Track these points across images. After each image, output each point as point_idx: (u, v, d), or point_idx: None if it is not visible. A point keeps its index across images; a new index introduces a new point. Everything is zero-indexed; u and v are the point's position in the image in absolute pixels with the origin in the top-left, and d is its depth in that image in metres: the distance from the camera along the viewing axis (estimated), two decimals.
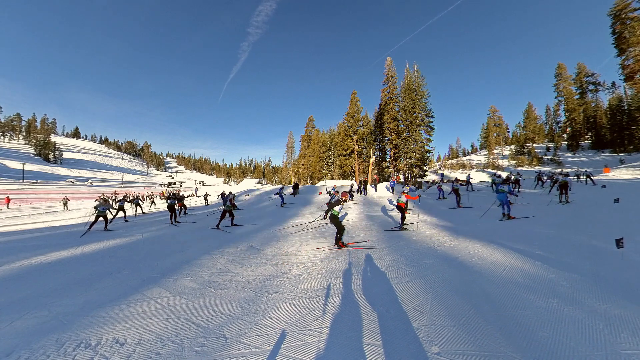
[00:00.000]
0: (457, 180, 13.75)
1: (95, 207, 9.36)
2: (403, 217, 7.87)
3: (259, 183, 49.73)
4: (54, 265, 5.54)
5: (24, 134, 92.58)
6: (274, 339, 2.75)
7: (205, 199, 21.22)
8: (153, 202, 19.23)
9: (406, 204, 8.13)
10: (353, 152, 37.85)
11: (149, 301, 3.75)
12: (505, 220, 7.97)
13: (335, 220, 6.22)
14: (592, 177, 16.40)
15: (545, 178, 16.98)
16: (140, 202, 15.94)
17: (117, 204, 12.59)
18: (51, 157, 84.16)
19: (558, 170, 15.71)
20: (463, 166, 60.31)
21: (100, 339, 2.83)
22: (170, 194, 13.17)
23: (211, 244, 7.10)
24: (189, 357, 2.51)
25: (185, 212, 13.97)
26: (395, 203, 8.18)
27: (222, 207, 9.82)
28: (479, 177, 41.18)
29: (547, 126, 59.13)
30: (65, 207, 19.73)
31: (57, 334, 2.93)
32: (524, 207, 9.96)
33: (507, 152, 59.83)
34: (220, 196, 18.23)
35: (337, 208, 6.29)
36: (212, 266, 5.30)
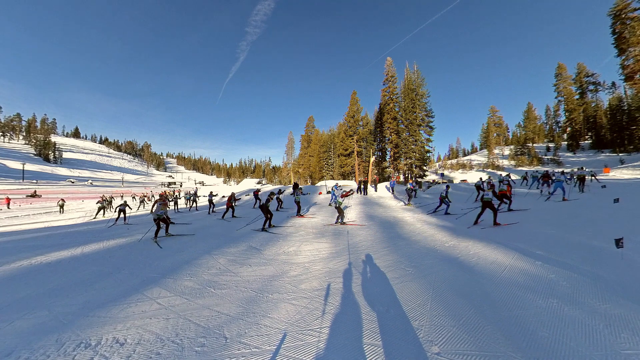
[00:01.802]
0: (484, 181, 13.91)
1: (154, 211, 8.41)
2: (510, 202, 9.16)
3: (259, 183, 49.71)
4: (54, 265, 5.54)
5: (24, 134, 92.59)
6: (274, 339, 2.75)
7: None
8: (176, 202, 18.20)
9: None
10: (353, 152, 37.87)
11: (149, 301, 3.75)
12: (562, 201, 10.21)
13: (490, 204, 7.47)
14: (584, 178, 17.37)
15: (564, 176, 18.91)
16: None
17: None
18: (51, 157, 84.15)
19: (577, 168, 17.03)
20: (463, 166, 60.30)
21: (100, 339, 2.83)
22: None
23: (211, 244, 7.10)
24: (189, 357, 2.51)
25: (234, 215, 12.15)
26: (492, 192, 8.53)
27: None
28: (478, 177, 41.15)
29: (547, 126, 59.16)
30: (61, 211, 18.16)
31: (57, 334, 2.93)
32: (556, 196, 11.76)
33: (507, 152, 59.86)
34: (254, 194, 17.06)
35: (490, 195, 7.57)
36: (212, 266, 5.30)
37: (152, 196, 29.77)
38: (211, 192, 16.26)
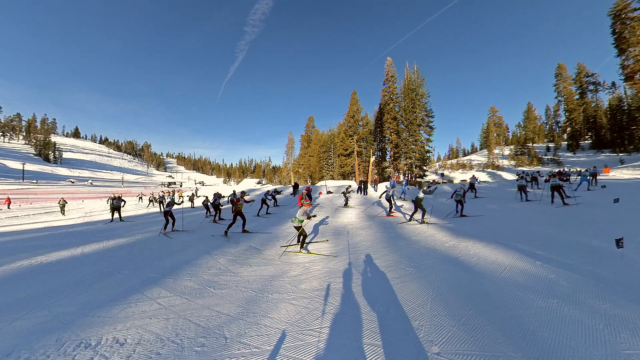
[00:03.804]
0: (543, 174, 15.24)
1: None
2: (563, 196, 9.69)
3: (259, 183, 49.67)
4: (54, 265, 5.54)
5: (24, 134, 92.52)
6: (274, 339, 2.75)
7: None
8: (191, 200, 17.99)
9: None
10: (353, 152, 37.85)
11: (149, 301, 3.75)
12: (591, 190, 12.29)
13: (558, 188, 8.96)
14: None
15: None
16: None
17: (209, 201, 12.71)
18: (51, 157, 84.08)
19: (592, 167, 17.88)
20: (463, 166, 60.30)
21: (100, 339, 2.83)
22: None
23: (211, 244, 7.10)
24: (189, 357, 2.51)
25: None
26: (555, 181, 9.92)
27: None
28: (478, 177, 41.16)
29: (547, 126, 59.15)
30: (63, 212, 17.20)
31: (57, 334, 2.93)
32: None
33: (507, 152, 59.83)
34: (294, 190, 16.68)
35: (558, 181, 8.80)
36: (212, 266, 5.30)
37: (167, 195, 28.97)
38: (275, 190, 15.80)
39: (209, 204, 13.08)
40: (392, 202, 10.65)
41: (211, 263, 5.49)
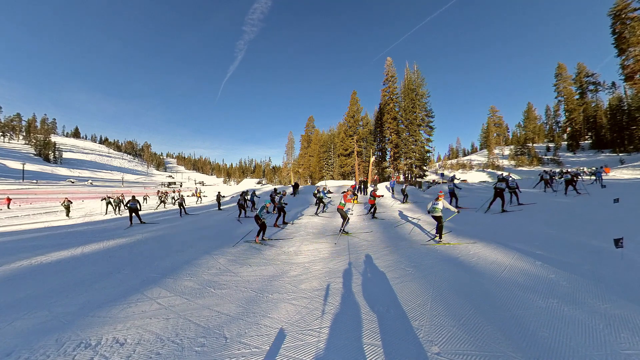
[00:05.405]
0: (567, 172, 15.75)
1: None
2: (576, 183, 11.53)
3: (259, 183, 49.67)
4: (54, 265, 5.54)
5: (24, 134, 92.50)
6: (274, 339, 2.75)
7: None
8: (200, 197, 18.40)
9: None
10: (353, 152, 37.84)
11: (149, 301, 3.75)
12: (603, 187, 13.16)
13: (571, 182, 10.30)
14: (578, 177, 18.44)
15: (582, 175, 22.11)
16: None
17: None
18: (51, 157, 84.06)
19: (600, 166, 18.96)
20: (463, 166, 60.36)
21: (100, 339, 2.83)
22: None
23: (211, 244, 7.10)
24: (189, 357, 2.51)
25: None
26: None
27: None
28: (478, 177, 41.27)
29: (547, 126, 59.17)
30: (68, 213, 15.77)
31: (57, 334, 2.93)
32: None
33: (507, 152, 59.86)
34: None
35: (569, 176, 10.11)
36: (212, 266, 5.30)
37: (172, 194, 28.34)
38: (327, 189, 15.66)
39: (243, 202, 11.92)
40: (456, 197, 11.21)
41: (211, 263, 5.49)
